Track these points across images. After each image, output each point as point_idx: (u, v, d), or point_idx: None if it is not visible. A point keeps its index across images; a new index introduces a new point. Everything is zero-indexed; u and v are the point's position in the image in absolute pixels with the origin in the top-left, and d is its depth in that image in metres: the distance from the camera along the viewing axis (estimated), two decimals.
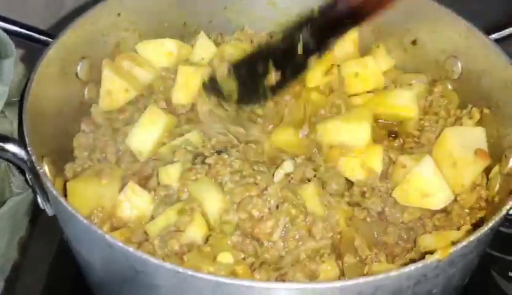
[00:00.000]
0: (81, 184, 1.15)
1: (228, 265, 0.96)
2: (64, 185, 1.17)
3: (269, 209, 1.08)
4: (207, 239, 1.06)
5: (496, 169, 1.19)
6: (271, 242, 1.05)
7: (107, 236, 0.88)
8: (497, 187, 1.16)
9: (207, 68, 1.41)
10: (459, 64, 1.37)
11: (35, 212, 1.45)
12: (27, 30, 1.30)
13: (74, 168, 1.24)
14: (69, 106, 1.30)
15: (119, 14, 1.40)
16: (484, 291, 1.39)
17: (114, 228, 1.12)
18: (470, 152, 1.18)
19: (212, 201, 1.09)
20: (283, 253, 1.05)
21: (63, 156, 1.25)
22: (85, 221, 0.90)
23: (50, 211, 1.17)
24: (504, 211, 0.97)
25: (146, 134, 1.26)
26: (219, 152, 1.20)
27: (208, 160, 1.16)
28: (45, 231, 1.47)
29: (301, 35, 1.26)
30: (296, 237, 1.05)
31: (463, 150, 1.19)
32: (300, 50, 1.26)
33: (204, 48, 1.49)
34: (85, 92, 1.36)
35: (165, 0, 1.48)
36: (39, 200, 1.16)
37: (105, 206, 1.12)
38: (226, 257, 0.98)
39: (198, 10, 1.55)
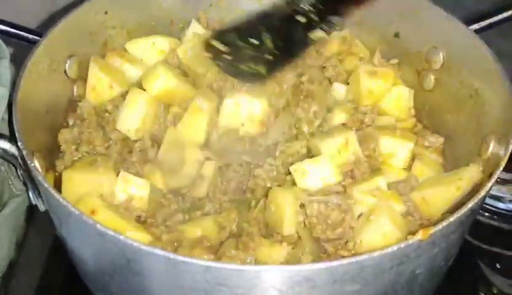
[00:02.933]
0: (78, 173, 1.16)
1: None
2: (57, 179, 1.19)
3: None
4: None
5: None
6: None
7: (98, 225, 0.90)
8: None
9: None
10: (440, 55, 1.40)
11: (30, 210, 1.48)
12: (15, 29, 1.32)
13: (64, 162, 1.26)
14: (58, 103, 1.32)
15: (106, 12, 1.42)
16: (472, 283, 1.42)
17: None
18: None
19: None
20: None
21: (52, 153, 1.27)
22: (76, 211, 0.92)
23: (41, 207, 1.19)
24: (483, 193, 1.00)
25: (131, 113, 1.30)
26: None
27: None
28: (40, 228, 1.49)
29: (301, 4, 1.13)
30: None
31: None
32: (301, 21, 1.14)
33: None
34: (74, 90, 1.38)
35: None
36: (31, 195, 1.18)
37: (104, 194, 1.14)
38: None
39: (184, 7, 1.57)
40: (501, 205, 1.56)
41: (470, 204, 0.97)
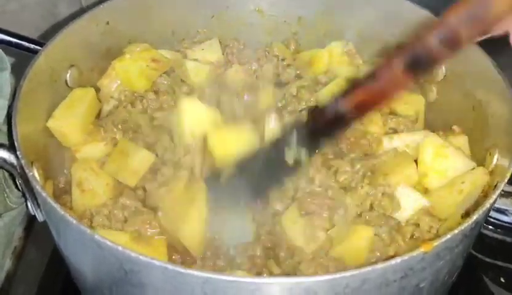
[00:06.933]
0: None
1: None
2: (56, 189, 1.20)
3: None
4: None
5: None
6: None
7: (96, 236, 0.88)
8: None
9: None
10: (442, 67, 1.40)
11: (29, 221, 1.47)
12: (17, 39, 1.32)
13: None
14: None
15: (107, 23, 1.42)
16: None
17: None
18: None
19: None
20: None
21: (52, 163, 1.25)
22: (74, 221, 0.91)
23: (40, 217, 1.17)
24: (487, 205, 0.99)
25: None
26: None
27: None
28: (39, 240, 1.48)
29: (291, 141, 1.13)
30: None
31: None
32: (289, 158, 1.14)
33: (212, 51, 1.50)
34: None
35: (153, 8, 1.50)
36: (29, 205, 1.17)
37: None
38: None
39: (186, 18, 1.57)
40: (505, 218, 1.55)
41: (475, 217, 0.95)
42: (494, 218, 1.54)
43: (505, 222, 1.54)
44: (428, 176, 1.20)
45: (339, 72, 1.49)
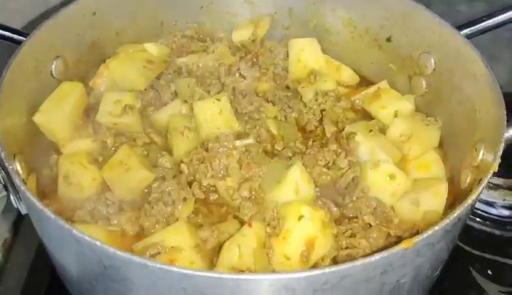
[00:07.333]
0: None
1: None
2: (39, 182, 1.18)
3: None
4: None
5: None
6: None
7: (74, 230, 0.88)
8: (468, 179, 1.18)
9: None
10: (432, 60, 1.39)
11: (19, 215, 1.46)
12: (1, 29, 1.31)
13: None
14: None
15: (94, 13, 1.41)
16: (463, 290, 1.41)
17: None
18: None
19: None
20: None
21: (36, 155, 1.24)
22: (53, 216, 0.90)
23: (23, 210, 1.17)
24: (470, 201, 0.98)
25: None
26: None
27: None
28: (27, 234, 1.47)
29: None
30: None
31: None
32: None
33: None
34: None
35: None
36: (12, 198, 1.16)
37: None
38: None
39: (175, 9, 1.56)
40: (493, 211, 1.55)
41: (457, 212, 0.95)
42: (482, 210, 1.54)
43: (493, 215, 1.54)
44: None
45: None
